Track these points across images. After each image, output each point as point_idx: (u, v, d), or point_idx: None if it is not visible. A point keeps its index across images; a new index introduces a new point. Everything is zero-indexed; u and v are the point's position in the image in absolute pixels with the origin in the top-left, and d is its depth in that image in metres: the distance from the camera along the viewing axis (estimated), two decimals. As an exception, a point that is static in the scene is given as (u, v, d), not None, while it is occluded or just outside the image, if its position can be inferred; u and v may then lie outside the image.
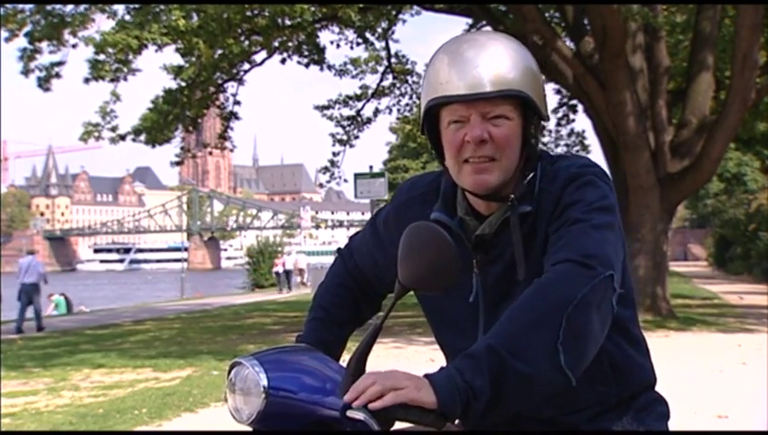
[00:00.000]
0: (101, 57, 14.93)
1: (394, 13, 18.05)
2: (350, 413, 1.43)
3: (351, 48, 19.25)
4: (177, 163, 20.29)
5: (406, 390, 1.38)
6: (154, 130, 17.69)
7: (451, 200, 1.77)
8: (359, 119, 20.69)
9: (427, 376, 1.41)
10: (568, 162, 1.72)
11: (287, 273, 32.19)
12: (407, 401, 1.37)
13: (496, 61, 1.64)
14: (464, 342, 1.54)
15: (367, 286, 1.94)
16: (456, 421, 1.46)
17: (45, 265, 19.05)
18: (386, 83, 20.50)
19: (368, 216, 26.55)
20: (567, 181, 1.66)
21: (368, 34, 19.09)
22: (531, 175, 1.70)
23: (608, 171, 1.78)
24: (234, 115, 20.17)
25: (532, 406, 1.48)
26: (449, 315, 1.78)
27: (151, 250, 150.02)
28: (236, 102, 20.06)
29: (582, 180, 1.65)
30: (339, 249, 2.03)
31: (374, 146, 43.19)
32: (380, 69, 20.22)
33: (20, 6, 14.91)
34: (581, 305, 1.45)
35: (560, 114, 22.19)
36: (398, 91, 20.74)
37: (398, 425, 1.47)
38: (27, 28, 15.00)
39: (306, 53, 18.67)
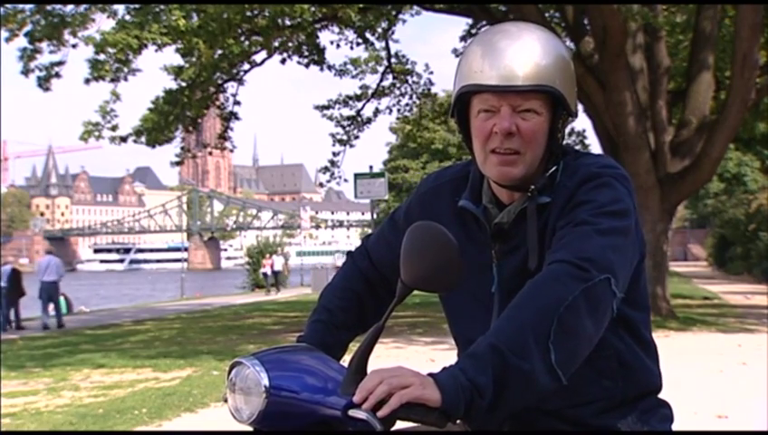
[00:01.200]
0: (101, 57, 14.94)
1: (394, 13, 18.03)
2: (351, 413, 1.42)
3: (351, 48, 19.27)
4: (177, 163, 20.30)
5: (412, 388, 1.38)
6: (155, 130, 17.69)
7: (478, 189, 1.80)
8: (359, 119, 20.69)
9: (431, 375, 1.41)
10: (590, 160, 1.73)
11: (276, 274, 32.05)
12: (413, 399, 1.37)
13: (528, 53, 1.66)
14: (477, 332, 1.54)
15: (381, 284, 1.93)
16: (458, 421, 1.46)
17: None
18: (386, 83, 20.52)
19: (368, 216, 26.51)
20: (584, 179, 1.67)
21: (368, 34, 19.09)
22: (553, 169, 1.72)
23: None
24: (234, 115, 20.18)
25: (529, 404, 1.48)
26: (468, 306, 1.79)
27: (151, 250, 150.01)
28: (236, 102, 20.09)
29: (599, 181, 1.66)
30: (349, 252, 2.02)
31: (374, 146, 43.19)
32: (380, 69, 20.23)
33: (20, 6, 14.91)
34: (573, 307, 1.47)
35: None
36: (398, 92, 20.74)
37: (400, 424, 1.47)
38: (27, 28, 15.00)
39: (306, 54, 18.67)
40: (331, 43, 18.94)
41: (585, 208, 1.62)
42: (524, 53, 1.65)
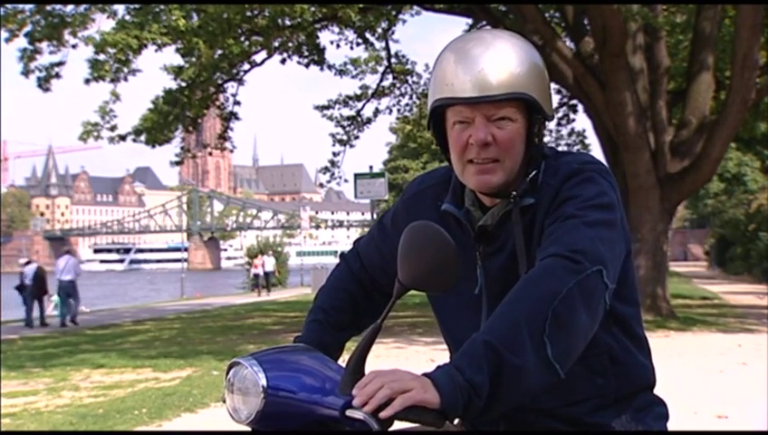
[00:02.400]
0: (101, 57, 14.95)
1: (394, 13, 18.04)
2: (349, 413, 1.42)
3: (351, 48, 19.29)
4: (177, 163, 20.31)
5: (414, 392, 1.37)
6: (154, 130, 17.70)
7: (460, 192, 1.80)
8: (359, 119, 20.71)
9: (427, 375, 1.41)
10: (570, 158, 1.74)
11: (267, 275, 31.74)
12: (415, 403, 1.37)
13: (501, 61, 1.65)
14: (467, 333, 1.54)
15: (373, 287, 1.93)
16: (456, 420, 1.46)
17: (46, 265, 20.59)
18: (386, 83, 20.55)
19: (368, 216, 26.59)
20: (567, 176, 1.67)
21: (368, 34, 19.10)
22: (533, 173, 1.72)
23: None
24: (234, 115, 20.19)
25: (526, 401, 1.48)
26: (455, 308, 1.80)
27: (151, 250, 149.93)
28: (236, 102, 20.11)
29: (582, 177, 1.66)
30: (342, 254, 2.03)
31: (374, 146, 43.23)
32: (380, 69, 20.25)
33: (20, 6, 14.91)
34: (567, 299, 1.47)
35: (560, 114, 22.21)
36: (398, 92, 20.78)
37: (397, 424, 1.47)
38: (27, 28, 15.01)
39: (306, 54, 18.67)
40: (331, 43, 18.96)
41: (571, 203, 1.62)
42: (496, 60, 1.64)
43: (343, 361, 1.61)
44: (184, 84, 17.62)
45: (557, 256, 1.52)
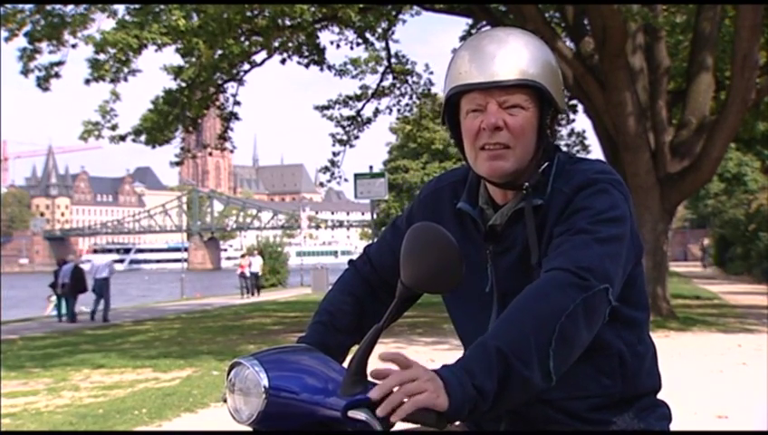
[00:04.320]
0: (101, 57, 14.95)
1: (394, 13, 18.04)
2: (351, 413, 1.42)
3: (351, 48, 19.28)
4: (177, 163, 20.32)
5: (425, 395, 1.37)
6: (154, 130, 17.71)
7: (475, 191, 1.83)
8: (359, 119, 20.70)
9: (439, 375, 1.41)
10: (585, 166, 1.75)
11: (254, 276, 31.40)
12: (424, 406, 1.37)
13: (515, 53, 1.69)
14: (479, 330, 1.57)
15: (383, 290, 1.93)
16: (457, 422, 1.46)
17: (46, 266, 21.62)
18: (386, 83, 20.53)
19: (368, 216, 26.50)
20: (581, 186, 1.68)
21: (368, 35, 19.10)
22: (545, 165, 1.74)
23: None
24: (234, 115, 20.19)
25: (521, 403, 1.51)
26: (467, 305, 1.82)
27: (151, 250, 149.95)
28: (236, 103, 20.11)
29: (596, 188, 1.67)
30: (350, 260, 2.03)
31: (374, 146, 43.22)
32: (380, 69, 20.24)
33: (20, 6, 14.91)
34: (573, 315, 1.49)
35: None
36: (398, 92, 20.75)
37: (399, 425, 1.47)
38: (27, 28, 15.00)
39: (306, 54, 18.68)
40: (331, 43, 18.96)
41: (583, 216, 1.63)
42: (510, 53, 1.69)
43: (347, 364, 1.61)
44: (184, 84, 17.62)
45: (564, 271, 1.54)
